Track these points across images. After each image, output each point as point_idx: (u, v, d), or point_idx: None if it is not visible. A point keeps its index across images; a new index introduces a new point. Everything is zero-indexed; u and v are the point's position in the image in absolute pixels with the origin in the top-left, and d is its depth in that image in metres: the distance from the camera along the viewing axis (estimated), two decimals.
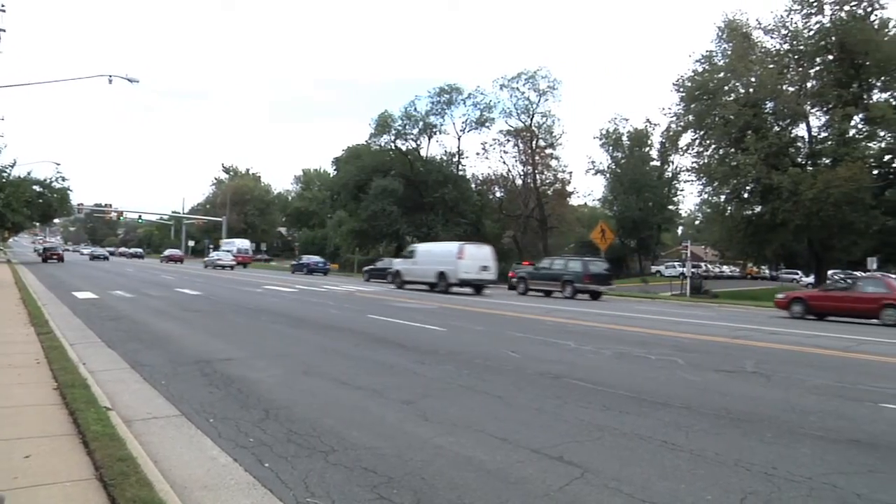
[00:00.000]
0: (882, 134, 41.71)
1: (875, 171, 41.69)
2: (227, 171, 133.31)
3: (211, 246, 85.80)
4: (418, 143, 67.98)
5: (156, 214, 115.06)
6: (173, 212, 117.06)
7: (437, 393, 8.11)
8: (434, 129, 66.71)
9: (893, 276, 25.96)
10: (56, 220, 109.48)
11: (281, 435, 5.99)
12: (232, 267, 63.24)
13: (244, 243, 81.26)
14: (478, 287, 33.69)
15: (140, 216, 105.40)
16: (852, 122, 41.94)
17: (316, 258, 62.80)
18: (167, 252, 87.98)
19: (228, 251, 71.39)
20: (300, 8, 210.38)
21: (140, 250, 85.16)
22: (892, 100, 43.49)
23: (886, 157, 43.37)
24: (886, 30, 42.44)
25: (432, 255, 35.26)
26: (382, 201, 61.38)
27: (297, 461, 5.25)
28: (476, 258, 33.42)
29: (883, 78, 43.68)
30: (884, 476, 5.32)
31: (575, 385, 8.72)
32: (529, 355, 11.41)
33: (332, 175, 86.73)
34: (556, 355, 11.58)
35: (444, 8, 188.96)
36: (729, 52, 45.33)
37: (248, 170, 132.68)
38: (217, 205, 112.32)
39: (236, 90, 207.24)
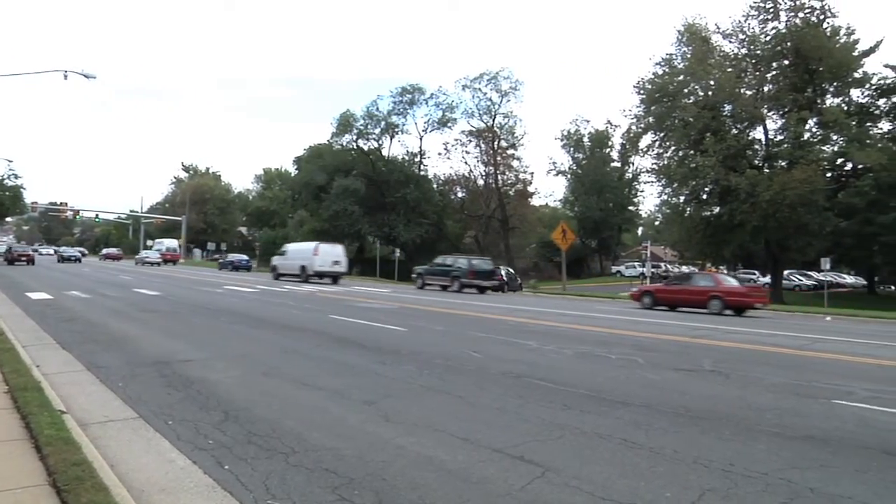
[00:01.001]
0: (835, 138, 42.76)
1: (828, 174, 42.78)
2: (186, 169, 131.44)
3: (150, 244, 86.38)
4: (380, 142, 67.97)
5: (113, 213, 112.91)
6: (131, 211, 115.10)
7: (398, 393, 8.09)
8: (396, 129, 66.74)
9: (726, 271, 27.62)
10: (9, 219, 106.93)
11: (241, 436, 5.92)
12: (159, 264, 67.01)
13: (172, 242, 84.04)
14: (333, 277, 40.85)
15: (97, 215, 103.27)
16: (807, 126, 42.89)
17: (241, 256, 65.23)
18: (105, 251, 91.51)
19: (158, 250, 75.72)
20: (261, 5, 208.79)
21: (76, 252, 79.59)
22: (843, 105, 44.62)
23: (839, 161, 44.47)
24: (838, 37, 43.52)
25: (297, 252, 43.08)
26: (344, 201, 61.15)
27: (258, 463, 5.20)
28: (329, 254, 40.76)
29: (835, 83, 44.84)
30: (835, 470, 5.43)
31: (536, 385, 8.76)
32: (491, 355, 11.44)
33: (293, 174, 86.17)
34: (518, 355, 11.62)
35: (407, 7, 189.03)
36: (688, 56, 46.04)
37: (208, 169, 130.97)
38: (176, 204, 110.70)
39: (196, 88, 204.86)
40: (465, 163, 67.26)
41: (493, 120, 65.61)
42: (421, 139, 67.74)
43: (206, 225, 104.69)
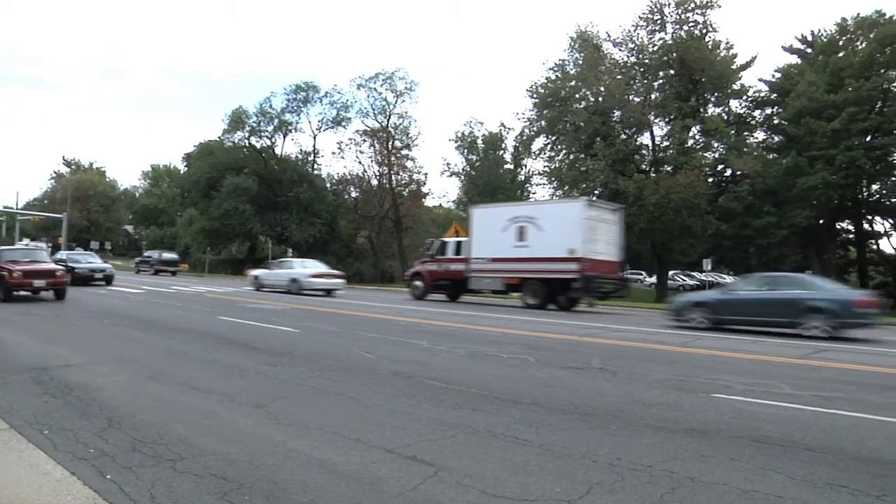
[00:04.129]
0: (716, 145, 44.92)
1: (710, 180, 44.87)
2: (68, 164, 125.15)
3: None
4: (273, 140, 66.79)
5: None
6: (5, 207, 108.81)
7: (289, 395, 7.98)
8: (290, 127, 65.77)
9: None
10: None
11: (125, 444, 5.69)
12: None
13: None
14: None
15: None
16: (690, 133, 44.80)
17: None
18: None
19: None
20: None
21: None
22: (724, 114, 46.98)
23: (719, 167, 46.75)
24: (718, 50, 45.77)
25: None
26: (235, 200, 59.81)
27: (143, 471, 5.00)
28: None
29: (716, 94, 47.21)
30: (712, 459, 5.70)
31: (429, 384, 8.81)
32: (384, 355, 11.43)
33: (182, 172, 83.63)
34: (410, 355, 11.66)
35: (301, 4, 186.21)
36: (580, 62, 47.24)
37: (91, 164, 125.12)
38: (57, 200, 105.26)
39: (77, 78, 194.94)
40: (360, 162, 66.78)
41: (388, 120, 65.53)
42: (315, 138, 67.08)
43: (89, 223, 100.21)
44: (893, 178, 44.43)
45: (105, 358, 10.41)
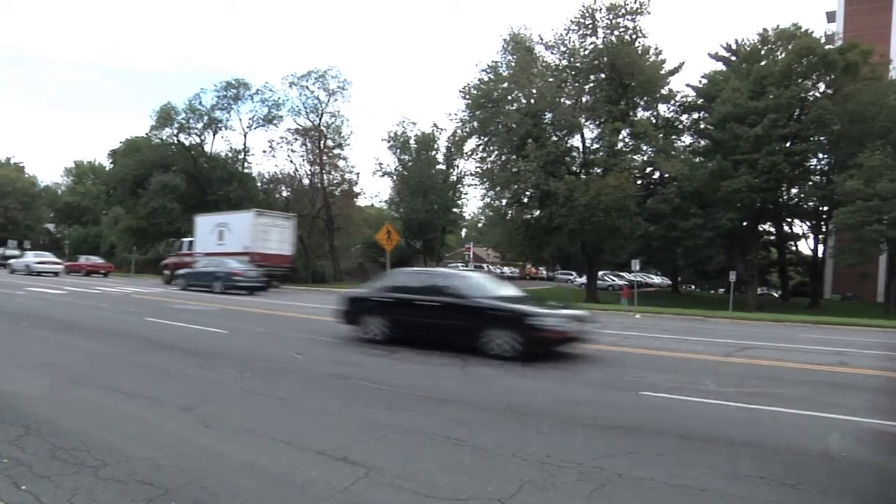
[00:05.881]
0: (644, 148, 45.87)
1: (639, 182, 45.81)
2: None
3: None
4: (203, 138, 65.31)
5: None
6: None
7: (218, 398, 7.82)
8: (220, 125, 64.39)
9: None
10: None
11: (43, 452, 5.45)
12: None
13: None
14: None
15: None
16: (620, 136, 45.60)
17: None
18: None
19: None
20: None
21: None
22: (652, 118, 48.02)
23: (648, 170, 47.78)
24: (648, 56, 46.73)
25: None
26: (163, 198, 58.36)
27: (63, 480, 4.81)
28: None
29: (645, 98, 48.19)
30: (641, 456, 5.83)
31: (360, 385, 8.76)
32: (315, 356, 11.33)
33: (108, 169, 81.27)
34: (342, 356, 11.58)
35: None
36: (513, 64, 47.59)
37: (9, 159, 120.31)
38: None
39: None
40: (291, 161, 65.80)
41: (320, 119, 64.80)
42: (245, 136, 65.97)
43: (6, 220, 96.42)
44: (811, 183, 46.25)
45: (23, 363, 9.95)
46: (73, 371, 9.24)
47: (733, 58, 50.97)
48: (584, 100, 47.36)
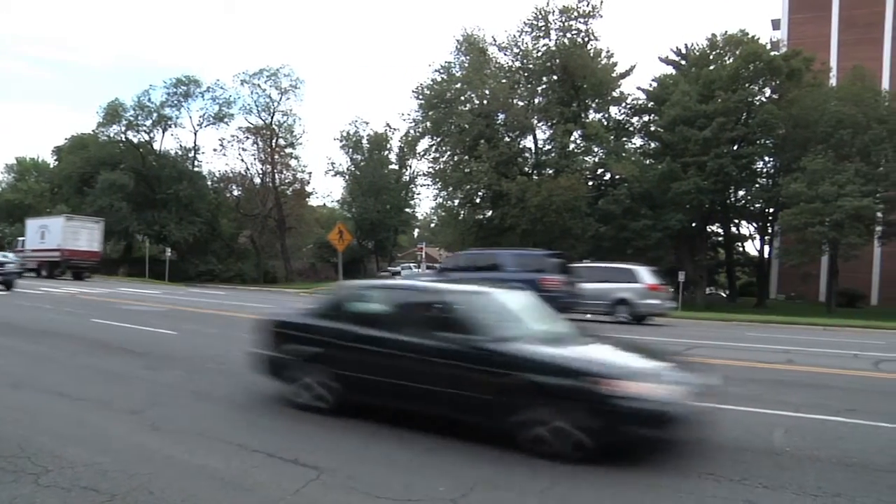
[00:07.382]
0: (596, 150, 46.43)
1: (590, 183, 46.29)
2: None
3: None
4: (152, 135, 64.11)
5: None
6: None
7: (167, 400, 7.66)
8: (169, 122, 63.30)
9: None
10: None
11: None
12: None
13: None
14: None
15: None
16: (572, 138, 46.11)
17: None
18: None
19: None
20: None
21: None
22: (604, 120, 48.60)
23: (599, 171, 48.33)
24: (599, 59, 47.33)
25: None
26: (110, 196, 57.12)
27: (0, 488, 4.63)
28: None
29: (597, 100, 48.84)
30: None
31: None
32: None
33: (52, 166, 79.29)
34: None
35: None
36: (466, 65, 47.81)
37: None
38: None
39: None
40: (242, 160, 65.12)
41: (272, 117, 64.33)
42: (196, 134, 64.86)
43: None
44: (757, 186, 47.27)
45: None
46: (12, 374, 8.92)
47: (683, 62, 51.77)
48: (536, 101, 47.77)
